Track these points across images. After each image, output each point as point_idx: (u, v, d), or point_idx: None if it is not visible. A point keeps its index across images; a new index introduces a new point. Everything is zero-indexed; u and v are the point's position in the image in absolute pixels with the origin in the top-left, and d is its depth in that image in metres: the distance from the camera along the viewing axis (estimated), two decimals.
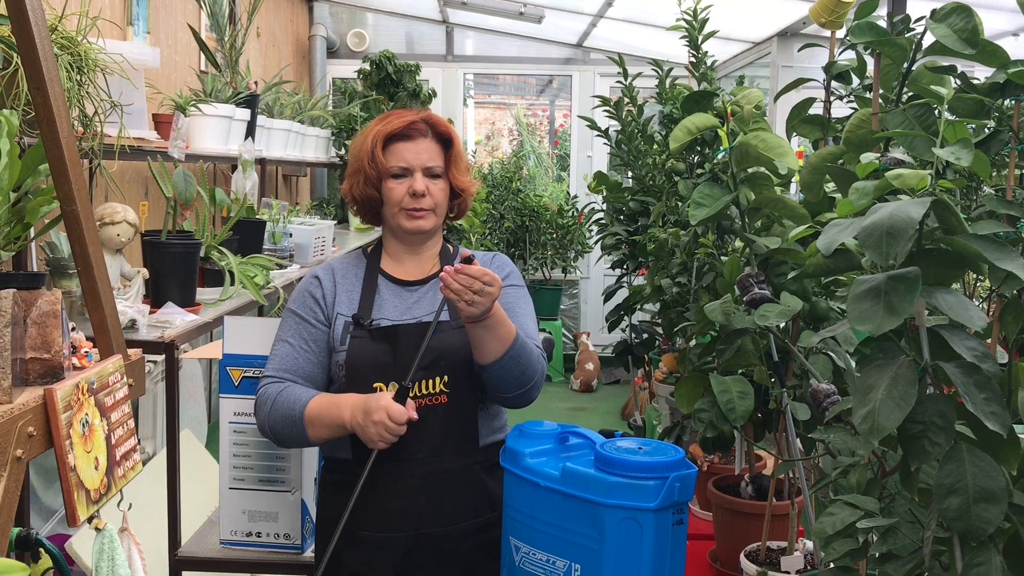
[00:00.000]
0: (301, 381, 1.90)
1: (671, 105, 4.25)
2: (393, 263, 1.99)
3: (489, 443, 1.93)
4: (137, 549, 1.54)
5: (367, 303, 1.91)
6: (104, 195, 3.22)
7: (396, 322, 1.89)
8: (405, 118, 1.92)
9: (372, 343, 1.86)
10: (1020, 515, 1.29)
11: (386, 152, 1.89)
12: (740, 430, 2.47)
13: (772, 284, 2.26)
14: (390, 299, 1.93)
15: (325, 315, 1.93)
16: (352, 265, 2.00)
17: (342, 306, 1.92)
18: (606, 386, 7.10)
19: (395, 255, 1.99)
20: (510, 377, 1.81)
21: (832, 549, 1.65)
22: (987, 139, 1.62)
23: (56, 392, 1.33)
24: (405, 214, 1.90)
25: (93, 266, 1.52)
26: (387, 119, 1.93)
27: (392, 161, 1.88)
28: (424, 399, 1.84)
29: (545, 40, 7.44)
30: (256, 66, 5.31)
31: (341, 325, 1.90)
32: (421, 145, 1.90)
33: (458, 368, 1.85)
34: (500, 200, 7.33)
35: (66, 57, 2.18)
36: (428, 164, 1.90)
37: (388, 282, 1.96)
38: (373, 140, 1.89)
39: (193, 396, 4.20)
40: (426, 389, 1.84)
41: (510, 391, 1.83)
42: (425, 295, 1.95)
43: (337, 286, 1.95)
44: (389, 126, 1.90)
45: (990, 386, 1.24)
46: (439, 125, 1.94)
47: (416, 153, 1.89)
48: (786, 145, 2.17)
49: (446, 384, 1.85)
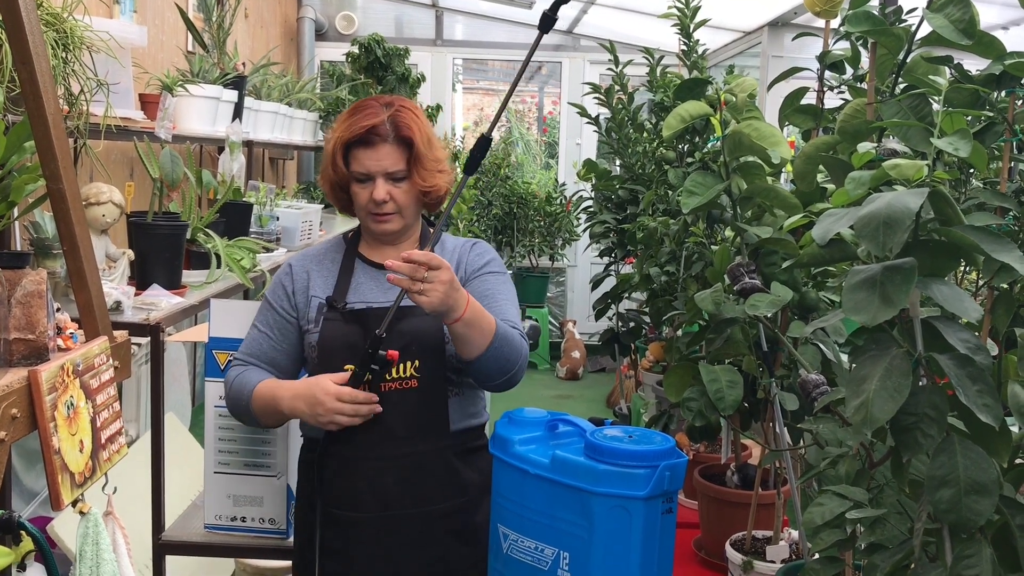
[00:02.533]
0: (263, 366, 1.95)
1: (662, 93, 4.24)
2: (372, 247, 2.00)
3: (462, 428, 1.93)
4: (122, 533, 1.52)
5: (343, 286, 1.93)
6: (89, 175, 3.19)
7: (369, 304, 1.90)
8: (368, 121, 1.87)
9: (344, 325, 1.87)
10: (1010, 507, 1.29)
11: (348, 157, 1.89)
12: (728, 419, 2.47)
13: (762, 274, 2.25)
14: (366, 282, 1.94)
15: (292, 304, 1.95)
16: (331, 250, 2.01)
17: (317, 289, 1.94)
18: (592, 374, 7.10)
19: (372, 243, 2.01)
20: (495, 368, 1.80)
21: (820, 539, 1.66)
22: (981, 131, 1.62)
23: (41, 373, 1.31)
24: (371, 217, 1.91)
25: (79, 246, 1.49)
26: (353, 117, 1.90)
27: (353, 167, 1.88)
28: (394, 383, 1.84)
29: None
30: (244, 47, 5.26)
31: (315, 306, 1.92)
32: (382, 151, 1.86)
33: (428, 353, 1.85)
34: (488, 187, 7.30)
35: (51, 34, 2.14)
36: (389, 169, 1.87)
37: (365, 265, 1.97)
38: (334, 147, 1.89)
39: (177, 380, 4.18)
40: (396, 374, 1.84)
41: (495, 379, 1.83)
42: None
43: (312, 273, 1.96)
44: (349, 132, 1.87)
45: (983, 378, 1.24)
46: (401, 129, 1.88)
47: (377, 160, 1.86)
48: (779, 134, 2.17)
49: (416, 369, 1.85)
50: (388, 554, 1.87)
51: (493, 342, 1.75)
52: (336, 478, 1.87)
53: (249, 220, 3.52)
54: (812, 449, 2.03)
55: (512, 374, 1.84)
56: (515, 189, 7.32)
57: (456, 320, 1.71)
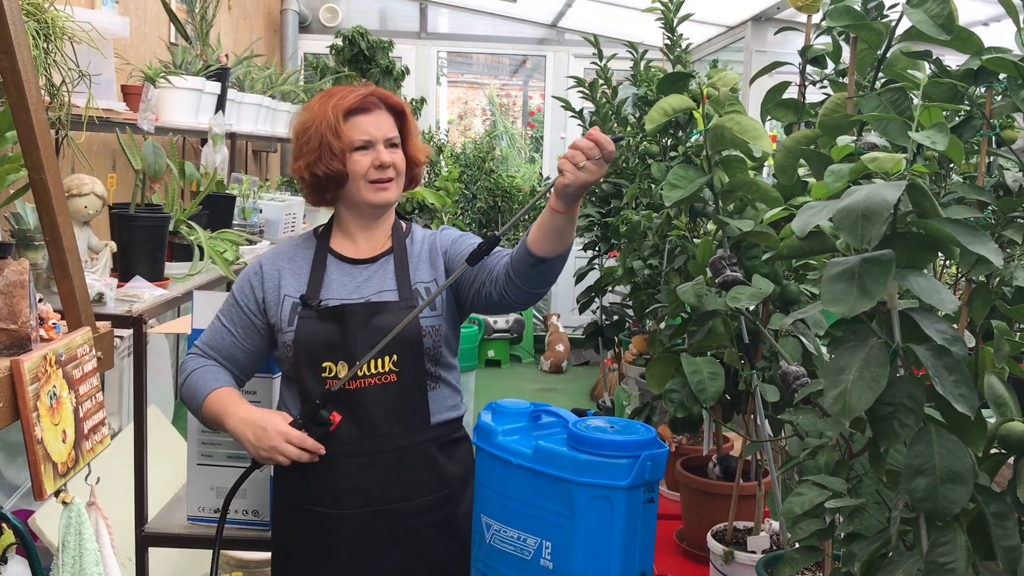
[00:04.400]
0: (222, 360, 1.96)
1: (645, 87, 4.25)
2: (344, 241, 1.99)
3: (442, 421, 1.93)
4: (105, 523, 1.52)
5: (315, 283, 1.92)
6: (71, 167, 3.17)
7: (344, 301, 1.89)
8: (357, 92, 1.92)
9: (320, 323, 1.87)
10: (985, 496, 1.31)
11: (347, 125, 1.89)
12: (709, 411, 2.48)
13: (744, 267, 2.27)
14: (339, 278, 1.94)
15: (260, 307, 1.94)
16: (301, 247, 2.00)
17: (289, 287, 1.93)
18: (576, 367, 7.12)
19: (348, 233, 1.99)
20: (559, 268, 1.84)
21: (799, 529, 1.68)
22: (959, 125, 1.64)
23: (23, 363, 1.31)
24: (371, 186, 1.91)
25: (62, 236, 1.49)
26: (337, 94, 1.92)
27: (355, 134, 1.89)
28: (373, 378, 1.85)
29: (520, 20, 7.40)
30: (227, 39, 5.23)
31: (288, 306, 1.91)
32: (380, 117, 1.92)
33: (407, 347, 1.86)
34: (472, 180, 7.30)
35: (32, 24, 2.13)
36: (389, 135, 1.92)
37: (337, 261, 1.96)
38: (334, 113, 1.89)
39: (160, 372, 4.16)
40: (375, 368, 1.85)
41: (544, 286, 1.86)
42: (374, 274, 1.95)
43: (282, 271, 1.95)
44: (346, 100, 1.90)
45: (959, 369, 1.26)
46: (389, 98, 1.96)
47: (377, 125, 1.91)
48: (761, 128, 2.18)
49: (395, 363, 1.86)
50: (371, 549, 1.88)
51: (570, 246, 1.82)
52: (317, 476, 1.87)
53: (232, 212, 3.52)
54: (793, 440, 2.05)
55: (550, 287, 1.89)
56: (499, 183, 7.32)
57: (573, 209, 1.75)
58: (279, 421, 1.83)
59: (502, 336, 7.05)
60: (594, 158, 1.67)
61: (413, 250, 1.98)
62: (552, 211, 1.76)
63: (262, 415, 1.85)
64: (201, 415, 1.92)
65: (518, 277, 1.83)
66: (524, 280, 1.83)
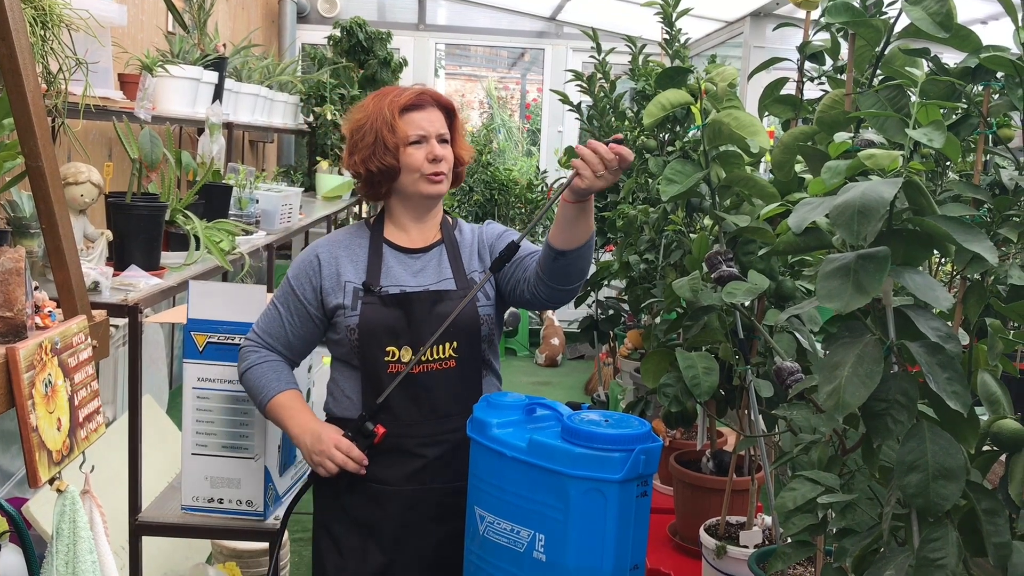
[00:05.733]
0: (279, 347, 2.05)
1: (643, 82, 4.25)
2: (398, 232, 2.07)
3: None
4: (99, 512, 1.52)
5: (375, 270, 2.00)
6: (67, 155, 3.16)
7: (404, 288, 1.98)
8: (413, 90, 2.02)
9: (384, 308, 1.96)
10: (976, 492, 1.32)
11: (402, 121, 1.98)
12: (704, 406, 2.49)
13: (740, 262, 2.27)
14: (396, 267, 2.02)
15: (318, 296, 2.01)
16: (355, 236, 2.08)
17: (348, 274, 2.01)
18: (571, 361, 7.13)
19: (401, 224, 2.07)
20: (581, 266, 1.90)
21: (792, 524, 1.68)
22: (956, 123, 1.64)
23: (19, 351, 1.31)
24: (425, 179, 1.99)
25: (58, 224, 1.49)
26: (392, 92, 2.03)
27: (410, 129, 1.98)
28: (435, 363, 1.96)
29: (518, 12, 7.39)
30: (224, 29, 5.22)
31: (351, 292, 1.99)
32: (433, 115, 2.02)
33: (466, 334, 1.97)
34: (469, 173, 7.29)
35: (30, 11, 2.12)
36: (441, 131, 2.01)
37: (393, 250, 2.04)
38: (390, 109, 1.97)
39: (155, 362, 4.16)
40: (436, 354, 1.95)
41: (573, 281, 1.93)
42: (429, 263, 2.04)
43: (339, 258, 2.03)
44: (402, 97, 2.00)
45: (953, 366, 1.26)
46: (441, 97, 2.06)
47: (430, 121, 2.00)
48: (758, 124, 2.18)
49: (455, 350, 1.97)
50: (416, 526, 1.97)
51: (591, 237, 1.87)
52: (379, 454, 1.95)
53: (228, 202, 3.51)
54: (786, 436, 2.06)
55: (580, 283, 1.96)
56: (496, 175, 7.32)
57: (586, 200, 1.81)
58: (333, 431, 1.94)
59: None
60: (612, 169, 1.76)
61: (464, 242, 2.08)
62: (564, 202, 1.84)
63: (321, 425, 1.96)
64: (264, 412, 2.04)
65: (544, 273, 1.92)
66: (549, 275, 1.92)
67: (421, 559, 1.98)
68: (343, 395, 2.02)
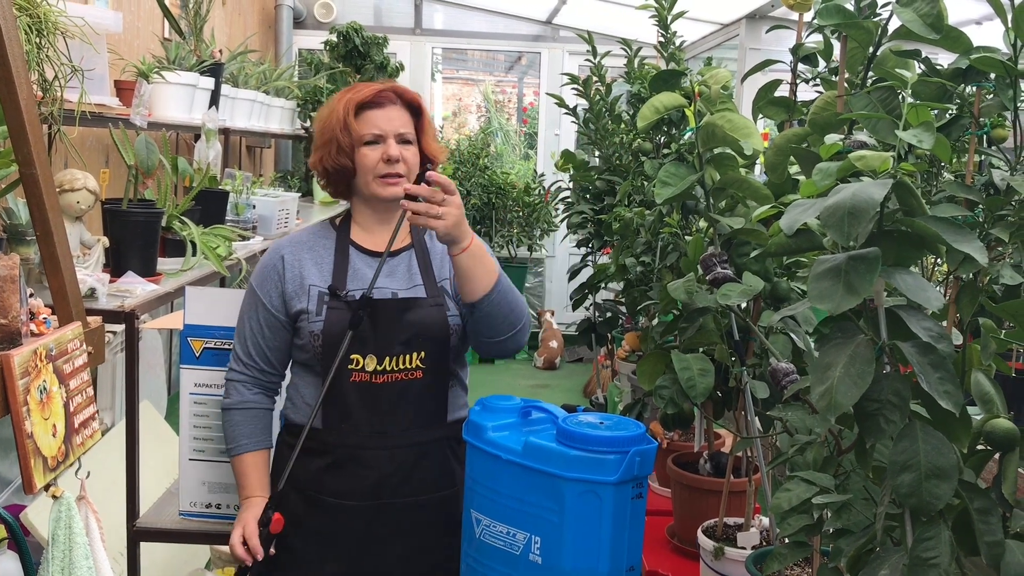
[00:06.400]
0: (263, 365, 1.98)
1: (639, 84, 4.26)
2: (363, 234, 1.98)
3: (456, 419, 1.95)
4: (95, 518, 1.53)
5: (340, 274, 1.91)
6: (64, 162, 3.17)
7: (372, 294, 1.88)
8: (373, 87, 1.93)
9: (349, 314, 1.85)
10: (969, 491, 1.32)
11: (358, 120, 1.90)
12: (700, 408, 2.49)
13: (735, 264, 2.28)
14: (363, 269, 1.93)
15: (283, 300, 1.93)
16: (320, 236, 1.99)
17: (312, 277, 1.92)
18: (569, 364, 7.13)
19: (366, 226, 1.98)
20: (501, 315, 1.83)
21: (787, 524, 1.69)
22: (948, 124, 1.65)
23: (13, 358, 1.31)
24: (379, 181, 1.90)
25: (53, 231, 1.49)
26: (354, 89, 1.94)
27: (365, 128, 1.89)
28: (401, 373, 1.87)
29: (515, 16, 7.40)
30: (221, 34, 5.23)
31: (315, 296, 1.90)
32: (392, 112, 1.91)
33: (434, 344, 1.88)
34: (467, 177, 7.30)
35: (25, 19, 2.13)
36: (400, 130, 1.91)
37: (359, 253, 1.96)
38: (345, 108, 1.89)
39: (152, 368, 4.16)
40: (403, 364, 1.86)
41: (502, 332, 1.86)
42: (397, 268, 1.95)
43: (303, 261, 1.94)
44: (360, 94, 1.91)
45: (944, 366, 1.27)
46: (407, 93, 1.96)
47: (388, 120, 1.90)
48: (752, 126, 2.18)
49: (422, 360, 1.87)
50: (375, 541, 1.89)
51: (498, 283, 1.81)
52: (335, 467, 1.88)
53: (225, 208, 3.51)
54: (783, 437, 2.06)
55: (518, 330, 1.88)
56: (494, 179, 7.32)
57: (464, 249, 1.76)
58: (251, 517, 1.86)
59: None
60: (439, 201, 1.71)
61: (434, 248, 1.98)
62: (451, 255, 1.80)
63: (254, 509, 1.88)
64: (228, 455, 2.01)
65: (469, 329, 1.90)
66: (474, 332, 1.89)
67: None
68: (303, 402, 1.93)
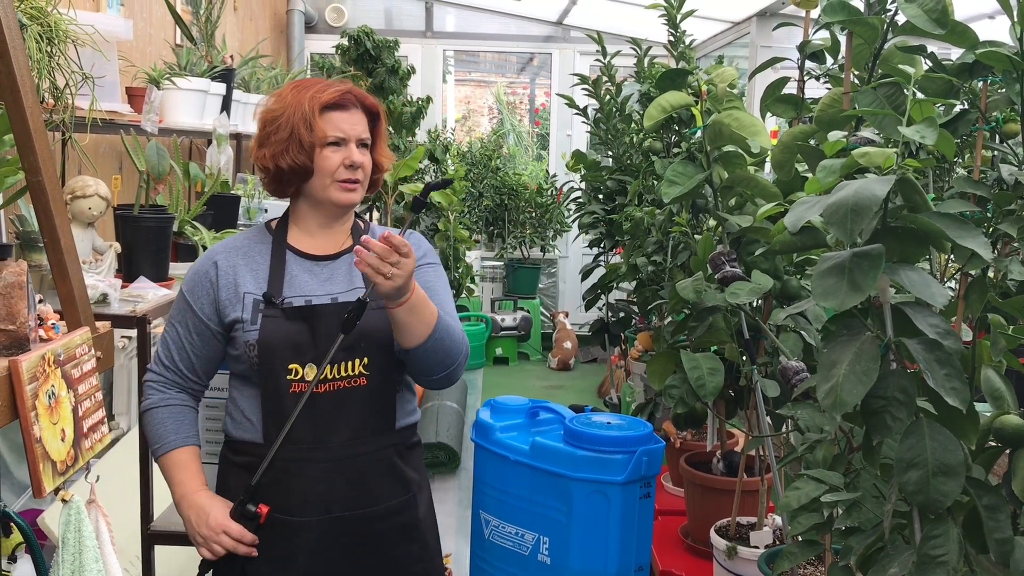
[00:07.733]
0: (186, 372, 1.88)
1: (649, 84, 4.25)
2: (303, 237, 1.89)
3: (404, 426, 1.89)
4: (105, 521, 1.54)
5: (277, 280, 1.82)
6: (76, 168, 3.19)
7: (309, 299, 1.81)
8: (335, 87, 1.85)
9: (286, 322, 1.78)
10: (977, 489, 1.31)
11: (322, 119, 1.82)
12: (712, 407, 2.49)
13: (744, 262, 2.27)
14: (301, 275, 1.84)
15: (215, 308, 1.84)
16: (255, 241, 1.90)
17: (247, 284, 1.83)
18: (583, 364, 7.13)
19: (307, 229, 1.89)
20: (435, 359, 1.77)
21: (798, 523, 1.68)
22: (955, 119, 1.63)
23: (21, 363, 1.32)
24: (338, 185, 1.82)
25: (60, 237, 1.50)
26: (313, 86, 1.85)
27: (329, 130, 1.80)
28: (343, 381, 1.78)
29: (525, 18, 7.41)
30: (232, 40, 5.25)
31: (250, 304, 1.81)
32: (355, 116, 1.84)
33: (378, 350, 1.80)
34: (479, 178, 7.31)
35: (35, 28, 2.15)
36: (362, 136, 1.84)
37: (298, 257, 1.86)
38: (310, 106, 1.81)
39: None
40: (345, 371, 1.78)
41: (435, 373, 1.79)
42: (338, 270, 1.87)
43: (238, 267, 1.86)
44: (325, 94, 1.82)
45: (951, 362, 1.26)
46: (366, 98, 1.88)
47: (352, 123, 1.83)
48: (759, 124, 2.18)
49: (365, 366, 1.79)
50: (330, 556, 1.82)
51: (434, 332, 1.73)
52: (276, 483, 1.79)
53: (237, 213, 3.53)
54: (795, 435, 2.05)
55: (452, 369, 1.80)
56: (506, 180, 7.33)
57: (400, 304, 1.68)
58: (220, 512, 1.78)
59: (510, 334, 7.06)
60: (394, 261, 1.62)
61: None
62: (388, 309, 1.71)
63: (209, 499, 1.80)
64: (157, 463, 1.88)
65: (407, 366, 1.82)
66: (411, 371, 1.82)
67: None
68: (243, 417, 1.84)
